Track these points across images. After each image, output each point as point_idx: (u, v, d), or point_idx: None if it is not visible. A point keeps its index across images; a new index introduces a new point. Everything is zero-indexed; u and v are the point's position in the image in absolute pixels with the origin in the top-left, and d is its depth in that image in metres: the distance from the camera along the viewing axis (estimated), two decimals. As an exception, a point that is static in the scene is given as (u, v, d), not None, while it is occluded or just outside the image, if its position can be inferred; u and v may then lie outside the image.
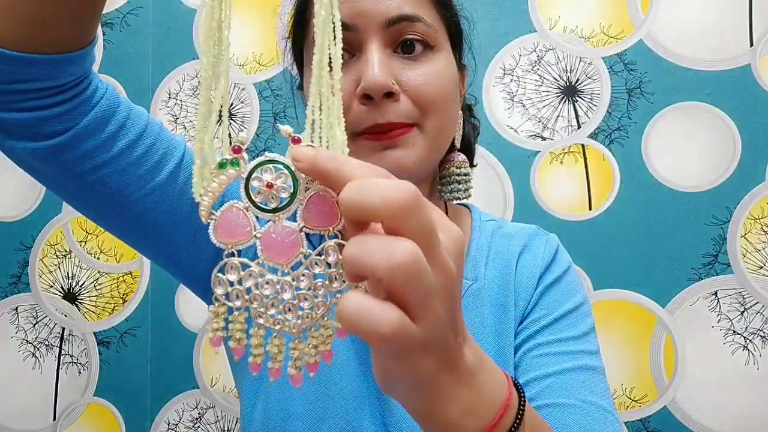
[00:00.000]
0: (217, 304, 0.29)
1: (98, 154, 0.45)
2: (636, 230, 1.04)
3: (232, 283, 0.28)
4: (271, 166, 0.28)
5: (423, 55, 0.51)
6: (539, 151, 1.09)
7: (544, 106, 1.09)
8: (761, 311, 1.00)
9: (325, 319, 0.29)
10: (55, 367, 1.18)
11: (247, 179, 0.28)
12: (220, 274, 0.28)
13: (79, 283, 1.18)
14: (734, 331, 1.01)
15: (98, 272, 1.18)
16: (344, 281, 0.28)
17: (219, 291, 0.28)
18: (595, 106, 1.07)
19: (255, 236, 0.28)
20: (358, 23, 0.48)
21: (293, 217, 0.28)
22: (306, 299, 0.29)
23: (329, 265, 0.28)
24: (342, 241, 0.28)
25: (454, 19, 0.55)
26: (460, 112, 0.57)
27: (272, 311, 0.29)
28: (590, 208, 1.07)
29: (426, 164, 0.52)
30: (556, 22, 1.09)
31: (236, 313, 0.29)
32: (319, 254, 0.29)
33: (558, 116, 1.09)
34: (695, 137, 1.03)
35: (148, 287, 1.17)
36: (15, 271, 1.18)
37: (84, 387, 1.17)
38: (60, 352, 1.18)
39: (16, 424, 1.18)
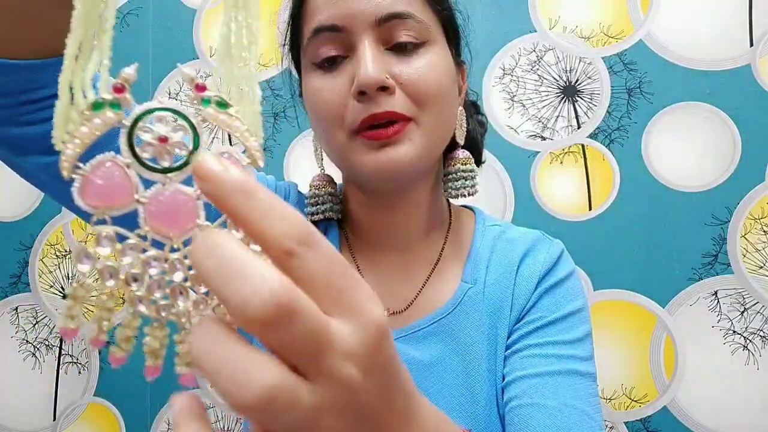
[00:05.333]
0: (76, 285, 0.23)
1: None
2: (636, 230, 1.04)
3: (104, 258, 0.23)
4: (167, 114, 0.21)
5: (416, 50, 0.50)
6: (539, 151, 1.09)
7: (543, 106, 1.09)
8: (761, 311, 1.00)
9: (221, 307, 0.23)
10: (55, 367, 1.18)
11: (131, 127, 0.21)
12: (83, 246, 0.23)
13: (79, 283, 1.18)
14: (734, 331, 1.01)
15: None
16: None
17: (83, 268, 0.22)
18: (595, 106, 1.07)
19: (137, 200, 0.22)
20: (348, 24, 0.48)
21: (189, 182, 0.22)
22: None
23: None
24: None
25: (448, 13, 0.54)
26: (461, 108, 0.56)
27: (158, 294, 0.23)
28: (590, 208, 1.06)
29: (425, 160, 0.51)
30: (556, 22, 1.09)
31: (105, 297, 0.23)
32: (223, 225, 0.22)
33: (558, 116, 1.09)
34: (695, 137, 1.03)
35: (148, 287, 1.17)
36: (15, 271, 1.18)
37: (84, 387, 1.17)
38: (60, 352, 1.18)
39: (16, 424, 1.18)
